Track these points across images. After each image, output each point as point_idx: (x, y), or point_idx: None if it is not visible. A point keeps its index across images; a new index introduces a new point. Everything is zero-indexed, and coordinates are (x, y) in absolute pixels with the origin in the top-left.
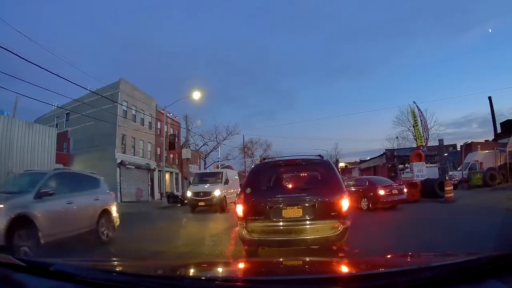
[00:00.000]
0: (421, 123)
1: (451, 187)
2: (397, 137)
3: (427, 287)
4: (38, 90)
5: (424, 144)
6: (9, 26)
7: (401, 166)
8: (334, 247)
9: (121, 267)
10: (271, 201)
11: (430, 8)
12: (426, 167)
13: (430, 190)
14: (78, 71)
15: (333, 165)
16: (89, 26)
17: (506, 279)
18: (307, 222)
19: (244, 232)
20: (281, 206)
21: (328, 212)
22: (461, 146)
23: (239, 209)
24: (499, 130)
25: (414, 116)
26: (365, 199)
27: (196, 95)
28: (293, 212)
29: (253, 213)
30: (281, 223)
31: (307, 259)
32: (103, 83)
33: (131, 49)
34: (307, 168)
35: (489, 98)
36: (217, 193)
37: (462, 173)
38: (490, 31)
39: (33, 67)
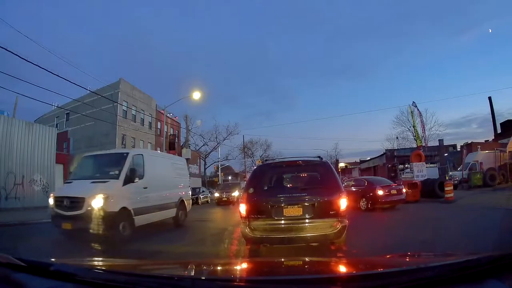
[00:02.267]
0: (420, 124)
1: (451, 187)
2: (397, 137)
3: (427, 287)
4: (38, 90)
5: (422, 145)
6: (9, 26)
7: (401, 166)
8: (333, 247)
9: (121, 267)
10: (272, 200)
11: (429, 8)
12: (426, 167)
13: (430, 190)
14: (78, 72)
15: (331, 166)
16: (89, 27)
17: (506, 279)
18: (307, 221)
19: (247, 230)
20: (282, 205)
21: (327, 211)
22: (461, 146)
23: (242, 208)
24: (499, 130)
25: (413, 117)
26: (364, 199)
27: (196, 95)
28: (293, 211)
29: (255, 212)
30: (282, 222)
31: (307, 259)
32: (103, 83)
33: (131, 50)
34: (307, 169)
35: (489, 98)
36: (96, 202)
37: (462, 173)
38: (490, 31)
39: (33, 67)
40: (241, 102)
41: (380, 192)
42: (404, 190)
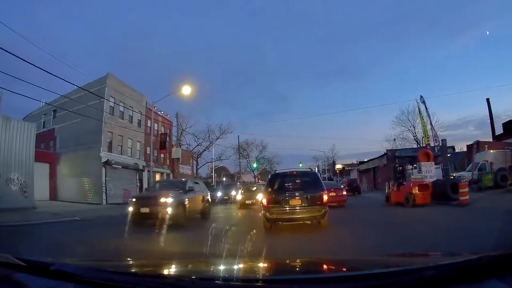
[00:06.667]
0: (428, 120)
1: (466, 189)
2: (394, 139)
3: (427, 286)
4: (29, 88)
5: (429, 143)
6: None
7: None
8: (320, 225)
9: (121, 267)
10: (282, 195)
11: (426, 10)
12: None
13: (441, 192)
14: (67, 68)
15: (318, 174)
16: (82, 23)
17: (506, 278)
18: (304, 208)
19: (267, 214)
20: (288, 198)
21: (315, 201)
22: (467, 146)
23: (264, 201)
24: (498, 131)
25: (420, 113)
26: None
27: (186, 90)
28: (295, 202)
29: (272, 202)
30: (288, 208)
31: (308, 259)
32: (92, 79)
33: (128, 50)
34: (302, 176)
35: (487, 100)
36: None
37: (472, 174)
38: (487, 33)
39: (22, 63)
40: (237, 104)
41: None
42: (344, 193)
